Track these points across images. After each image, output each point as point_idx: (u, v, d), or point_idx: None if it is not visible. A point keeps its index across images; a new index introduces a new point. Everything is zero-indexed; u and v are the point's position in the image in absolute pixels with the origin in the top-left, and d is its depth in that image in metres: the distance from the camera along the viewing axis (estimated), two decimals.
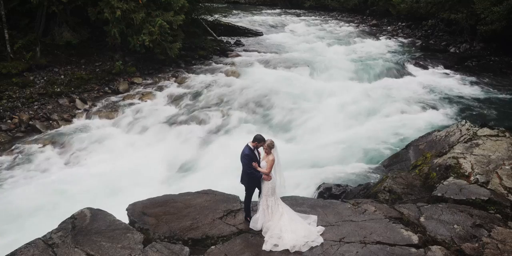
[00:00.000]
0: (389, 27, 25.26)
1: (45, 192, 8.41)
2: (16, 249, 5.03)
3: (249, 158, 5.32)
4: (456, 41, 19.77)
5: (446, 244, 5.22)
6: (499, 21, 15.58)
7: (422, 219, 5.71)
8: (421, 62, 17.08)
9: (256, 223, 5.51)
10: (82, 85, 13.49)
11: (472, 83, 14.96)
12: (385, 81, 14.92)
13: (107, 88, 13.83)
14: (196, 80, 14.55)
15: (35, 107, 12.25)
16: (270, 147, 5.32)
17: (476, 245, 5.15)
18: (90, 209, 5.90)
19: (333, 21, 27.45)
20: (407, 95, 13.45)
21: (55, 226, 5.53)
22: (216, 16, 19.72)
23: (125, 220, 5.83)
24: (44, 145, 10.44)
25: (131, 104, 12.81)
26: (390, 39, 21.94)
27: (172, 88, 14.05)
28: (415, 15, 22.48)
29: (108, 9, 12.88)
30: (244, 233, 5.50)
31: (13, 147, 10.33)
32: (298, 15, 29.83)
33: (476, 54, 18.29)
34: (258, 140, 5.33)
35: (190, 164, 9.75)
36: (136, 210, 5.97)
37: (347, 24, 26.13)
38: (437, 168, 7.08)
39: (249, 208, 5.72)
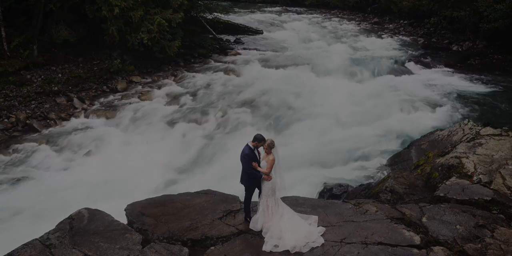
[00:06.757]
0: (390, 25, 25.13)
1: (42, 192, 8.36)
2: (13, 250, 4.98)
3: (249, 157, 5.26)
4: (458, 39, 19.62)
5: (449, 245, 5.16)
6: (502, 19, 15.47)
7: (424, 219, 5.65)
8: (423, 61, 16.97)
9: (256, 223, 5.46)
10: (80, 84, 13.39)
11: (475, 81, 14.85)
12: (387, 79, 14.81)
13: (105, 87, 13.73)
14: (196, 78, 14.46)
15: (32, 106, 12.16)
16: (270, 147, 5.26)
17: (479, 245, 5.09)
18: (88, 209, 5.85)
19: (334, 19, 27.32)
20: (409, 93, 13.34)
21: (53, 226, 5.48)
22: (216, 14, 19.59)
23: (124, 220, 5.78)
24: (41, 145, 10.36)
25: (129, 103, 12.72)
26: (392, 37, 21.81)
27: (171, 86, 13.96)
28: (417, 12, 22.32)
29: (106, 6, 12.76)
30: (244, 234, 5.45)
31: (9, 147, 10.27)
32: (299, 13, 29.68)
33: (479, 52, 18.14)
34: (258, 139, 5.27)
35: (189, 164, 9.68)
36: (135, 211, 5.92)
37: (348, 22, 25.99)
38: (440, 168, 7.01)
39: (249, 208, 5.67)
